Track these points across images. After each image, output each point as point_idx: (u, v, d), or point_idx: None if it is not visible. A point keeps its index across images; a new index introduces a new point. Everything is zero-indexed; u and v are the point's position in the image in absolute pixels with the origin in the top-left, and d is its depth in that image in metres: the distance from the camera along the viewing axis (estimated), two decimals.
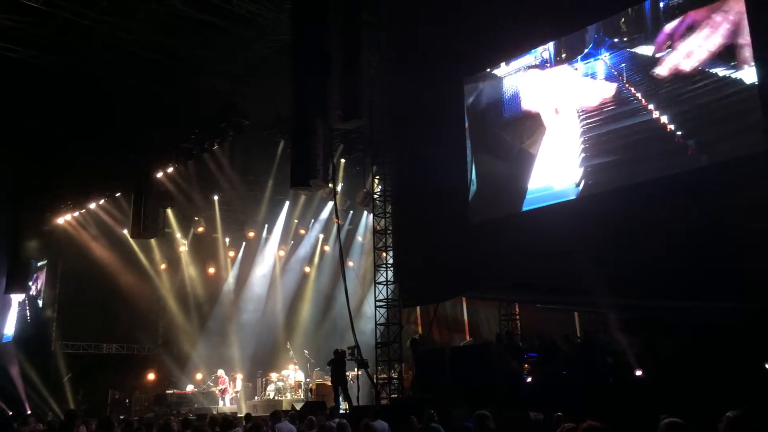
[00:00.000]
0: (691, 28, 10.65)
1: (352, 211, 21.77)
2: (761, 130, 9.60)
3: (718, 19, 10.32)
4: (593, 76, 12.06)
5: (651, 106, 10.97)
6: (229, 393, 19.70)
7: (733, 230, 9.47)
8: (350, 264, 21.64)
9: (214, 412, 16.17)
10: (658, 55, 11.07)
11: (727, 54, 10.15)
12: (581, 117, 12.06)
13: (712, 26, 10.38)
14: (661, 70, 10.98)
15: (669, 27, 10.97)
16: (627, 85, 11.43)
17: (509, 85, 13.55)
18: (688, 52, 10.63)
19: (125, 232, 21.21)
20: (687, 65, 10.63)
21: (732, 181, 9.63)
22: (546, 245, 11.69)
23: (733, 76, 10.02)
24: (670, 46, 10.92)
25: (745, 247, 9.29)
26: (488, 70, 13.98)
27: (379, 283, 15.83)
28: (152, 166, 19.35)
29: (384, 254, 16.06)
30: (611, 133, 11.56)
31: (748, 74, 9.83)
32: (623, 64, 11.55)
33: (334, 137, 16.21)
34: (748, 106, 9.81)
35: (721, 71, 10.19)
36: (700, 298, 9.87)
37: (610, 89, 11.69)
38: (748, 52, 9.89)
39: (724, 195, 9.71)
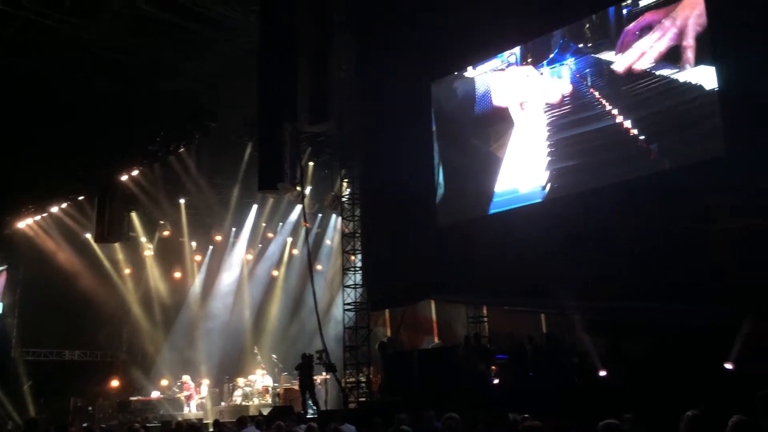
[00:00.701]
0: (650, 33, 10.86)
1: (320, 215, 21.71)
2: (721, 135, 9.83)
3: (678, 23, 10.54)
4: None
5: (615, 111, 11.16)
6: (195, 399, 19.45)
7: (695, 233, 9.67)
8: (319, 267, 21.57)
9: (180, 419, 15.95)
10: (620, 61, 11.27)
11: (688, 59, 10.37)
12: (547, 121, 12.21)
13: (671, 31, 10.60)
14: (624, 75, 11.18)
15: (630, 32, 11.17)
16: (591, 90, 11.61)
17: (476, 88, 13.64)
18: (649, 56, 10.85)
19: (88, 236, 20.82)
20: (648, 70, 10.85)
21: (693, 186, 9.84)
22: (513, 248, 11.82)
23: (694, 81, 10.24)
24: (631, 52, 11.11)
25: (706, 250, 9.50)
26: (455, 73, 14.07)
27: (348, 286, 15.79)
28: (116, 169, 19.02)
29: (352, 257, 16.04)
30: (576, 137, 11.73)
31: (708, 80, 10.05)
32: (588, 69, 11.73)
33: (302, 140, 16.16)
34: (707, 111, 10.03)
35: (681, 76, 10.42)
36: (662, 300, 10.06)
37: (575, 94, 11.87)
38: (708, 57, 10.12)
39: (685, 199, 9.91)
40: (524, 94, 12.64)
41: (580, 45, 11.93)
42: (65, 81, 15.63)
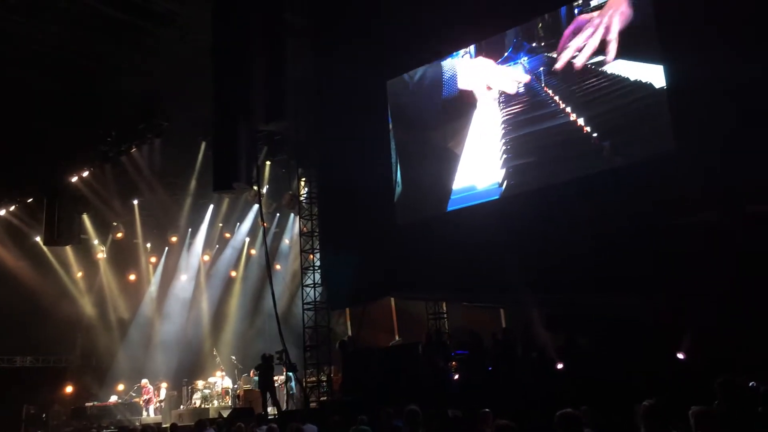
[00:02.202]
0: (599, 32, 11.10)
1: (278, 214, 21.56)
2: (670, 131, 10.10)
3: (626, 22, 10.80)
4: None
5: (568, 109, 11.36)
6: (154, 403, 19.13)
7: (647, 228, 9.92)
8: (277, 267, 21.43)
9: (138, 424, 15.68)
10: (572, 59, 11.48)
11: (637, 57, 10.63)
12: (503, 118, 12.36)
13: (620, 30, 10.85)
14: (576, 74, 11.39)
15: (580, 31, 11.38)
16: (545, 88, 11.79)
17: (431, 86, 13.72)
18: (599, 55, 11.08)
19: (38, 239, 20.26)
20: (599, 69, 11.08)
21: (645, 181, 10.09)
22: (471, 245, 11.93)
23: (643, 80, 10.50)
24: (581, 50, 11.33)
25: (658, 244, 9.75)
26: (411, 71, 14.11)
27: (307, 285, 15.73)
28: (66, 170, 18.54)
29: (311, 256, 15.99)
30: (531, 135, 11.90)
31: (657, 78, 10.32)
32: (541, 68, 11.90)
33: (258, 139, 16.02)
34: (657, 110, 10.29)
35: (632, 75, 10.66)
36: (616, 293, 10.30)
37: (529, 91, 12.04)
38: (656, 56, 10.38)
39: (637, 194, 10.16)
40: (489, 79, 12.78)
41: (534, 44, 12.10)
42: (11, 80, 15.14)
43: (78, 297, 22.13)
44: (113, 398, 19.60)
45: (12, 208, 20.44)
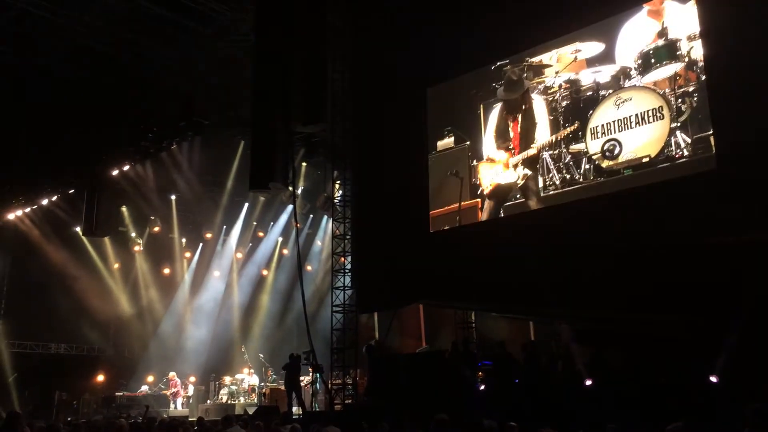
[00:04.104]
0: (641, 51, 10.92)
1: (312, 215, 21.71)
2: (712, 150, 9.87)
3: (667, 34, 10.61)
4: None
5: None
6: (181, 396, 19.38)
7: (683, 245, 9.70)
8: (308, 268, 21.56)
9: (165, 416, 15.91)
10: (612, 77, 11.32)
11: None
12: (542, 128, 12.23)
13: (662, 45, 10.68)
14: (617, 90, 11.22)
15: (620, 48, 11.22)
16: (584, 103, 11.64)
17: (471, 94, 13.64)
18: (644, 71, 10.90)
19: (78, 229, 20.72)
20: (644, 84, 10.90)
21: (683, 198, 9.89)
22: (504, 255, 11.84)
23: (686, 96, 10.29)
24: (625, 68, 11.17)
25: (694, 262, 9.53)
26: (451, 79, 14.06)
27: (337, 288, 15.77)
28: (107, 164, 18.94)
29: (342, 259, 16.01)
30: (570, 147, 11.74)
31: (700, 94, 10.10)
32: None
33: (295, 140, 16.14)
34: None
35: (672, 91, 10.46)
36: (649, 311, 10.10)
37: (568, 108, 11.90)
38: (700, 73, 10.17)
39: (675, 211, 9.95)
40: (520, 109, 12.68)
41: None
42: (57, 74, 15.55)
43: (113, 288, 22.57)
44: (143, 389, 19.92)
45: (54, 198, 20.95)
